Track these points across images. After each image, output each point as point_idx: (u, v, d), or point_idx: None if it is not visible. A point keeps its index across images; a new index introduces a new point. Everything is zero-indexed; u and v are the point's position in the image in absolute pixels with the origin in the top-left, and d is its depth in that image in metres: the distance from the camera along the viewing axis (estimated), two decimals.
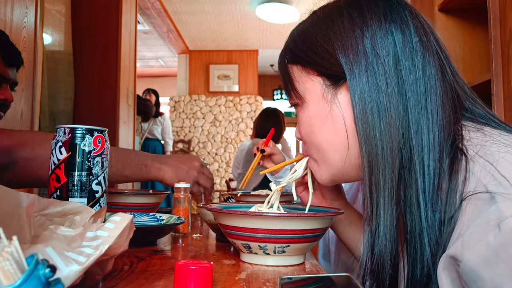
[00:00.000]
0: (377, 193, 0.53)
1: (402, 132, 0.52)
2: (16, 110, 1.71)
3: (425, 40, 0.56)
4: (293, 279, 0.52)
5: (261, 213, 0.62)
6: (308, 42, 0.61)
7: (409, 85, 0.53)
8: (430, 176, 0.51)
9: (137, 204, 1.06)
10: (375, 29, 0.55)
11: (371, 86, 0.54)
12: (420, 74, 0.54)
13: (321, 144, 0.62)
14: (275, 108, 3.24)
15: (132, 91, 2.98)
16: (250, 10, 4.96)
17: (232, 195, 1.37)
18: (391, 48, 0.54)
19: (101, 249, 0.40)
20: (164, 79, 8.29)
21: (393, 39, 0.55)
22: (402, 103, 0.53)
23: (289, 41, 0.66)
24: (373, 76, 0.54)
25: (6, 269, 0.27)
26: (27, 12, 1.77)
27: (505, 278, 0.39)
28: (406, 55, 0.54)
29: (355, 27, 0.56)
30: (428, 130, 0.52)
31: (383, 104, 0.53)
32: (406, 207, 0.52)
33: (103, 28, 2.73)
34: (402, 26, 0.56)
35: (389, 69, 0.54)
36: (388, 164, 0.52)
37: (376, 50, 0.54)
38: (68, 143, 0.63)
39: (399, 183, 0.52)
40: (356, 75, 0.55)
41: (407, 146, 0.52)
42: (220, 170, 6.25)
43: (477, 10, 1.85)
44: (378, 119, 0.53)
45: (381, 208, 0.52)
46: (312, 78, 0.61)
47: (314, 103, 0.61)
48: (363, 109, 0.54)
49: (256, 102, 6.31)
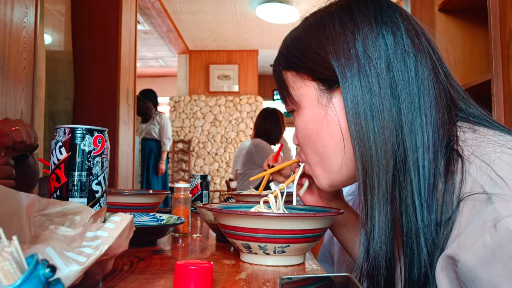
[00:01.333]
0: (371, 195, 0.53)
1: (396, 134, 0.53)
2: (16, 110, 1.72)
3: (417, 41, 0.56)
4: (293, 279, 0.52)
5: (261, 213, 0.62)
6: (301, 47, 0.61)
7: (402, 87, 0.53)
8: (425, 176, 0.51)
9: (137, 204, 1.06)
10: (366, 33, 0.56)
11: (364, 89, 0.54)
12: (412, 76, 0.54)
13: (317, 149, 0.62)
14: (274, 108, 3.24)
15: (132, 91, 2.98)
16: (250, 10, 4.96)
17: (232, 195, 1.37)
18: (383, 50, 0.55)
19: (101, 249, 0.40)
20: (164, 79, 8.29)
21: (384, 41, 0.55)
22: (395, 105, 0.53)
23: (282, 48, 0.66)
24: (366, 79, 0.54)
25: (6, 269, 0.27)
26: (27, 12, 1.77)
27: (502, 278, 0.39)
28: (398, 57, 0.54)
29: (346, 31, 0.57)
30: (422, 131, 0.52)
31: (376, 107, 0.53)
32: (401, 208, 0.52)
33: (103, 28, 2.73)
34: (393, 28, 0.56)
35: (381, 71, 0.54)
36: (382, 166, 0.52)
37: (368, 53, 0.55)
38: (68, 143, 0.63)
39: (393, 184, 0.52)
40: (349, 78, 0.55)
41: (401, 148, 0.52)
42: (220, 170, 6.25)
43: (477, 10, 1.85)
44: (372, 122, 0.53)
45: (375, 210, 0.53)
46: (306, 83, 0.61)
47: (310, 108, 0.61)
48: (356, 112, 0.54)
49: (256, 102, 6.31)
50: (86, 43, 2.71)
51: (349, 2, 0.60)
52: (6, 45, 1.62)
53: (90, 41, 2.72)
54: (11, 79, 1.67)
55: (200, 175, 1.39)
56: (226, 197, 1.55)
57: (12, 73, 1.67)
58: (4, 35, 1.61)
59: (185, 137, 6.34)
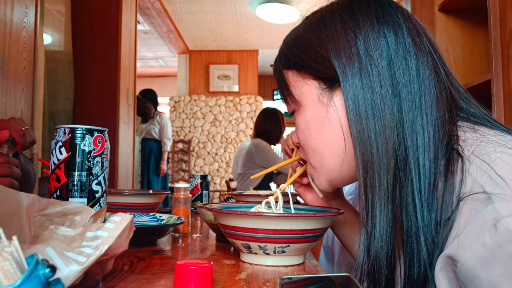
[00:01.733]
0: (372, 194, 0.53)
1: (397, 132, 0.53)
2: (16, 110, 1.71)
3: (418, 41, 0.56)
4: (293, 279, 0.52)
5: (261, 213, 0.62)
6: (302, 46, 0.61)
7: (403, 86, 0.53)
8: (426, 176, 0.51)
9: (137, 204, 1.06)
10: (367, 32, 0.56)
11: (365, 88, 0.54)
12: (414, 75, 0.54)
13: (319, 148, 0.62)
14: (275, 108, 3.24)
15: (132, 91, 2.98)
16: (250, 10, 4.96)
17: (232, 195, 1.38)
18: (384, 49, 0.55)
19: (101, 249, 0.40)
20: (164, 79, 8.29)
21: (386, 40, 0.55)
22: (396, 103, 0.53)
23: (283, 47, 0.66)
24: (367, 78, 0.54)
25: (6, 269, 0.27)
26: (27, 12, 1.77)
27: (501, 278, 0.39)
28: (399, 56, 0.54)
29: (348, 30, 0.57)
30: (423, 130, 0.52)
31: (378, 105, 0.53)
32: (402, 207, 0.52)
33: (103, 28, 2.72)
34: (394, 27, 0.56)
35: (382, 70, 0.54)
36: (384, 165, 0.52)
37: (370, 52, 0.55)
38: (68, 143, 0.63)
39: (394, 183, 0.52)
40: (349, 77, 0.55)
41: (402, 147, 0.52)
42: (220, 170, 6.25)
43: (477, 10, 1.85)
44: (373, 121, 0.53)
45: (376, 209, 0.53)
46: (307, 82, 0.61)
47: (311, 107, 0.61)
48: (357, 111, 0.54)
49: (256, 102, 6.31)
50: (86, 43, 2.71)
51: (350, 1, 0.60)
52: (6, 45, 1.62)
53: (90, 41, 2.72)
54: (11, 79, 1.67)
55: (200, 175, 1.39)
56: (226, 197, 1.55)
57: (12, 73, 1.67)
58: (4, 35, 1.61)
59: (185, 137, 6.34)
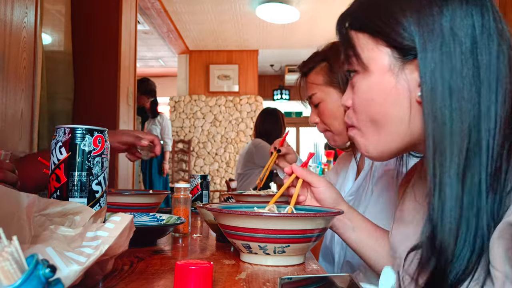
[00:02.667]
0: (442, 172, 0.53)
1: (473, 114, 0.52)
2: (16, 110, 1.72)
3: (500, 27, 0.55)
4: (293, 279, 0.52)
5: (261, 213, 0.62)
6: (380, 12, 0.60)
7: (485, 70, 0.53)
8: (494, 159, 0.51)
9: (137, 204, 1.06)
10: (455, 9, 0.55)
11: (444, 65, 0.53)
12: (494, 60, 0.53)
13: (378, 117, 0.61)
14: (275, 108, 3.25)
15: (132, 91, 2.98)
16: (250, 10, 4.96)
17: (232, 195, 1.38)
18: (470, 30, 0.54)
19: (101, 249, 0.40)
20: (164, 79, 8.29)
21: (472, 21, 0.54)
22: (475, 85, 0.53)
23: (354, 7, 0.64)
24: (449, 55, 0.53)
25: (6, 269, 0.27)
26: (27, 12, 1.77)
27: None
28: (483, 39, 0.54)
29: (433, 3, 0.55)
30: (495, 115, 0.52)
31: (456, 85, 0.53)
32: (465, 187, 0.52)
33: (103, 28, 2.72)
34: (482, 9, 0.55)
35: (465, 50, 0.53)
36: (457, 144, 0.52)
37: (455, 30, 0.54)
38: (68, 143, 0.63)
39: (465, 163, 0.52)
40: (429, 52, 0.54)
41: (476, 129, 0.52)
42: (220, 170, 6.25)
43: None
44: (449, 100, 0.53)
45: (446, 187, 0.52)
46: (380, 48, 0.60)
47: (379, 74, 0.60)
48: (434, 88, 0.54)
49: (256, 102, 6.30)
50: (86, 43, 2.70)
51: None
52: (6, 45, 1.62)
53: (90, 41, 2.72)
54: (11, 79, 1.67)
55: (200, 175, 1.39)
56: (226, 197, 1.55)
57: (12, 73, 1.67)
58: (4, 35, 1.61)
59: (185, 137, 6.34)
